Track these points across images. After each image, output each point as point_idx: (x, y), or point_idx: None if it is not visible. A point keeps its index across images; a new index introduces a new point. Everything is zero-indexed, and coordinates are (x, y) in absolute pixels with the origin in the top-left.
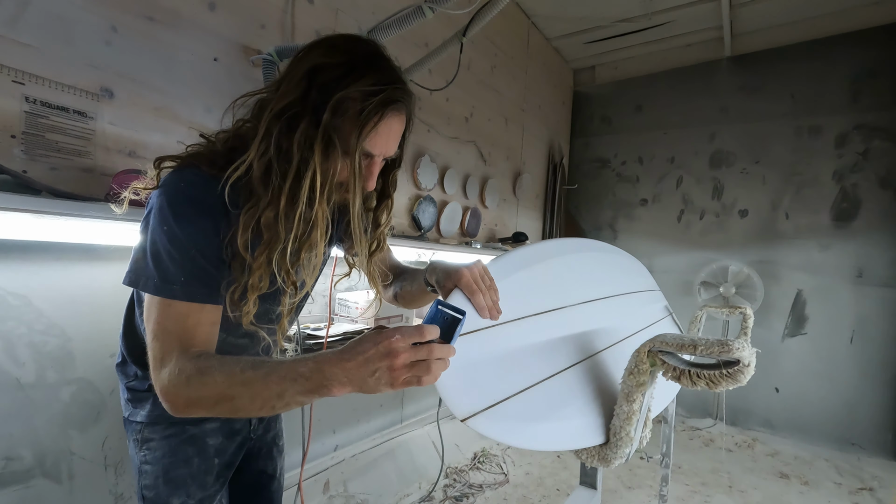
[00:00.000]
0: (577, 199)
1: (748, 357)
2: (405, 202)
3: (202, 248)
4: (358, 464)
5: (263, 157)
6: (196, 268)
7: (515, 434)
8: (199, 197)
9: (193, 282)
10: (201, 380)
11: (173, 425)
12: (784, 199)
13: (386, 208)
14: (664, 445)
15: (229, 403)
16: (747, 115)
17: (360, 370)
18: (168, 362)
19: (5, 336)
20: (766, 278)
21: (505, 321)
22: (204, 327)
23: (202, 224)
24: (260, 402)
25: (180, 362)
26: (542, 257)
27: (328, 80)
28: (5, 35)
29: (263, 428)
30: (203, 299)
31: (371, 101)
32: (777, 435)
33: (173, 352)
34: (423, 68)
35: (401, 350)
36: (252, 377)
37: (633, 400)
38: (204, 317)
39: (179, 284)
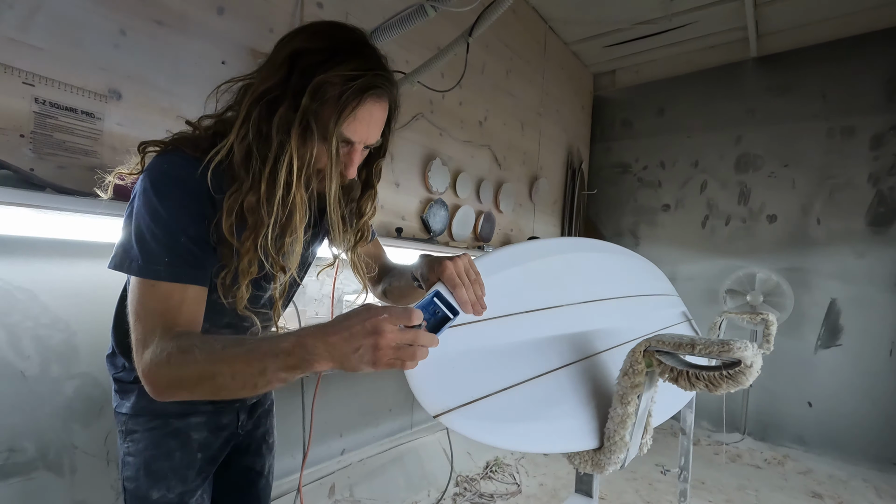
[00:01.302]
0: (598, 204)
1: (750, 358)
2: (416, 205)
3: (186, 228)
4: (365, 469)
5: (244, 140)
6: (180, 248)
7: (494, 433)
8: (183, 178)
9: (178, 262)
10: (182, 358)
11: (157, 418)
12: (815, 203)
13: (370, 198)
14: (682, 458)
15: (211, 382)
16: (775, 116)
17: (343, 345)
18: (150, 343)
19: (11, 329)
20: (797, 286)
21: (490, 317)
22: (188, 306)
23: (186, 205)
24: (242, 379)
25: (162, 342)
26: (539, 254)
27: (309, 64)
28: (16, 38)
29: (253, 424)
30: (187, 279)
31: (350, 86)
32: (810, 452)
33: (156, 332)
34: (430, 70)
35: (388, 330)
36: (233, 354)
37: (628, 402)
38: (188, 296)
39: (163, 265)
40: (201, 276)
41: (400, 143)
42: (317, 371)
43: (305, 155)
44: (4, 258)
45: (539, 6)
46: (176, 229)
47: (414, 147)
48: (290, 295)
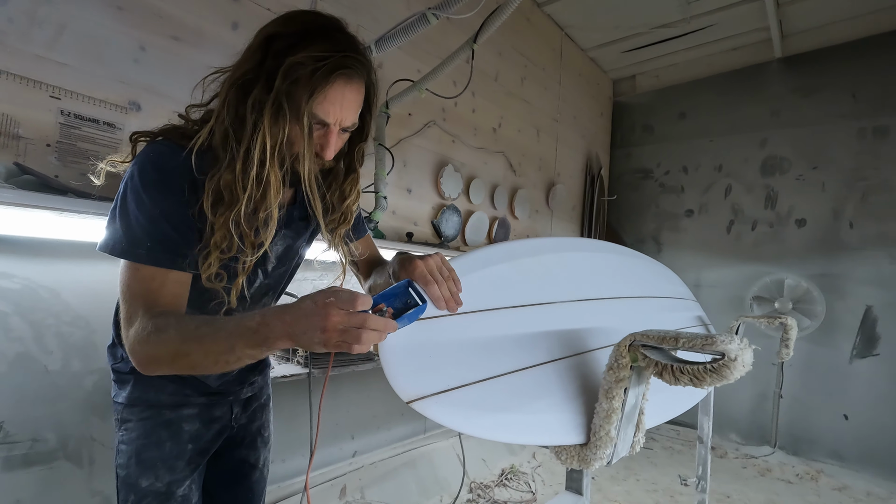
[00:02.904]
0: (619, 210)
1: (734, 351)
2: (428, 211)
3: (168, 214)
4: (377, 471)
5: (222, 123)
6: (160, 233)
7: (470, 421)
8: (168, 166)
9: (157, 247)
10: (158, 337)
11: (150, 408)
12: (847, 206)
13: (352, 182)
14: (700, 468)
15: (186, 359)
16: (802, 118)
17: (296, 324)
18: (133, 322)
19: (36, 325)
20: (829, 293)
21: (476, 310)
22: (169, 289)
23: (169, 192)
24: (213, 357)
25: (143, 321)
26: (535, 251)
27: (281, 47)
28: (45, 56)
29: (247, 417)
30: (167, 264)
31: (320, 66)
32: (847, 468)
33: (138, 311)
34: (437, 77)
35: (333, 314)
36: (204, 332)
37: (613, 397)
38: (169, 280)
39: (145, 249)
40: (181, 262)
41: (412, 149)
42: (280, 348)
43: (278, 134)
44: (30, 259)
45: (554, 14)
46: (157, 215)
47: (426, 154)
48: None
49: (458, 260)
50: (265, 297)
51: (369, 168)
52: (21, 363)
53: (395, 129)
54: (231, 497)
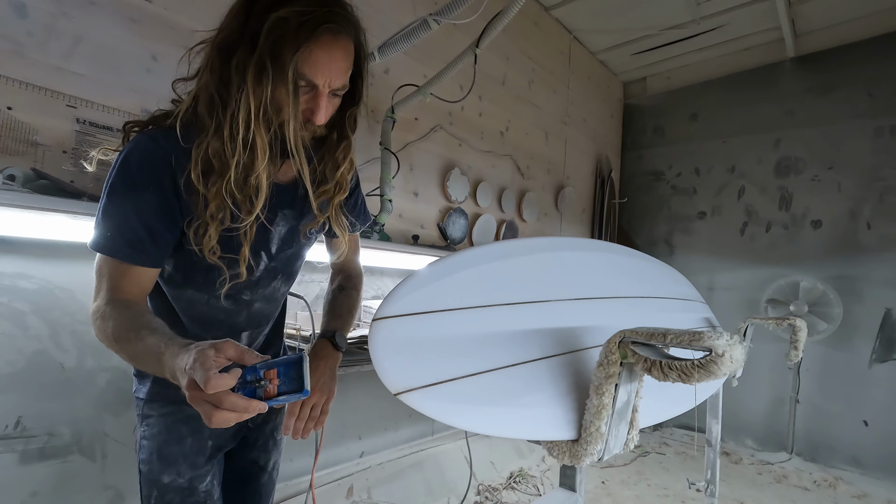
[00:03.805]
0: (630, 213)
1: (722, 347)
2: (435, 214)
3: (141, 210)
4: (384, 472)
5: (206, 89)
6: (128, 230)
7: (459, 415)
8: (149, 159)
9: (122, 242)
10: (104, 324)
11: (171, 404)
12: (865, 207)
13: (345, 149)
14: (709, 472)
15: (117, 351)
16: (817, 118)
17: (173, 375)
18: (96, 298)
19: (52, 324)
20: (846, 295)
21: (470, 306)
22: (130, 281)
23: (146, 186)
24: (136, 362)
25: (101, 302)
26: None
27: (265, 5)
28: (62, 67)
29: (262, 418)
30: (129, 260)
31: (304, 21)
32: (867, 475)
33: (101, 291)
34: (441, 82)
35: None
36: (129, 338)
37: (603, 393)
38: (131, 274)
39: (105, 239)
40: (144, 259)
41: (418, 153)
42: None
43: (262, 94)
44: (47, 261)
45: (563, 17)
46: (129, 212)
47: (433, 157)
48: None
49: (454, 256)
50: (274, 280)
51: (375, 172)
52: (38, 360)
53: (402, 133)
54: (239, 498)
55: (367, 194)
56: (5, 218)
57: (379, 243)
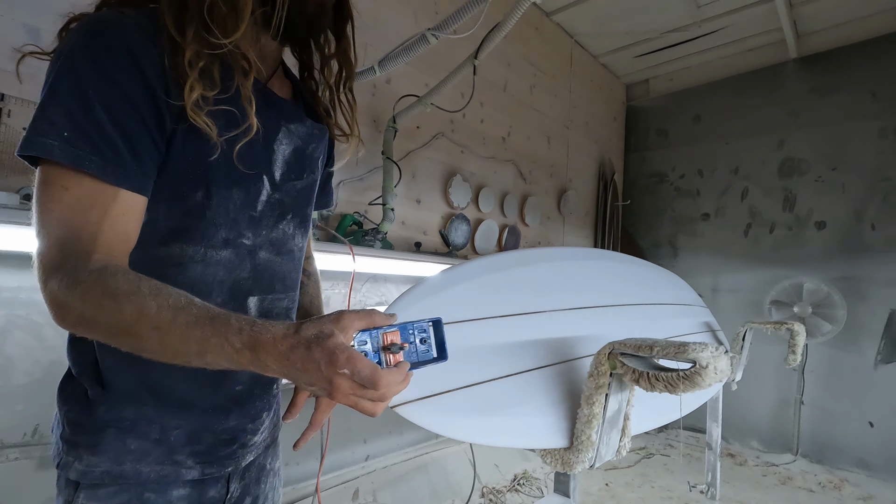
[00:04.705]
0: (634, 215)
1: (706, 359)
2: (437, 220)
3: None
4: (389, 475)
5: None
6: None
7: (453, 426)
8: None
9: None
10: (102, 304)
11: (125, 490)
12: (869, 208)
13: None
14: (709, 474)
15: (132, 342)
16: (820, 118)
17: (297, 375)
18: (59, 268)
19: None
20: (851, 297)
21: (466, 319)
22: (111, 223)
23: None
24: (171, 353)
25: (78, 273)
26: (528, 262)
27: None
28: None
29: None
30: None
31: None
32: (873, 477)
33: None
34: (441, 92)
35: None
36: (168, 321)
37: (593, 403)
38: (116, 210)
39: (60, 140)
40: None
41: (420, 161)
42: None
43: None
44: None
45: (564, 22)
46: (90, 99)
47: (435, 164)
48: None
49: (452, 271)
50: (282, 221)
51: (377, 181)
52: (54, 370)
53: (404, 141)
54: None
55: (370, 203)
56: (22, 235)
57: (382, 252)
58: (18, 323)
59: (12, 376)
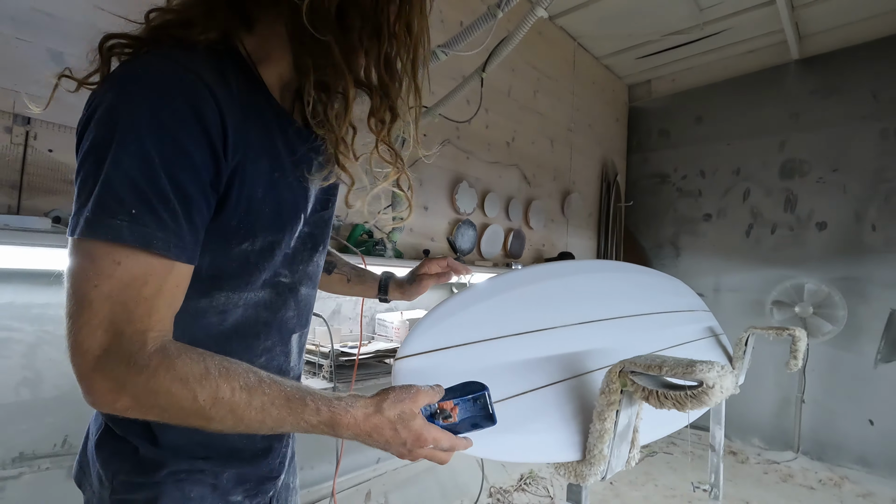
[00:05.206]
0: (636, 216)
1: (713, 379)
2: (444, 226)
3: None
4: (399, 477)
5: None
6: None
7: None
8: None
9: (146, 215)
10: (172, 390)
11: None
12: (870, 209)
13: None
14: (713, 475)
15: (201, 422)
16: (822, 120)
17: (380, 440)
18: (115, 352)
19: None
20: (852, 297)
21: (480, 340)
22: (166, 299)
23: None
24: (244, 429)
25: (139, 356)
26: (538, 279)
27: None
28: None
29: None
30: (161, 246)
31: None
32: (873, 474)
33: (124, 335)
34: (448, 103)
35: (423, 455)
36: (245, 404)
37: (605, 419)
38: (170, 284)
39: (128, 218)
40: (180, 247)
41: (427, 168)
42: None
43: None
44: None
45: (567, 25)
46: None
47: (441, 171)
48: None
49: (461, 295)
50: (315, 253)
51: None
52: None
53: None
54: None
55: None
56: (53, 256)
57: (392, 261)
58: (47, 338)
59: (42, 390)
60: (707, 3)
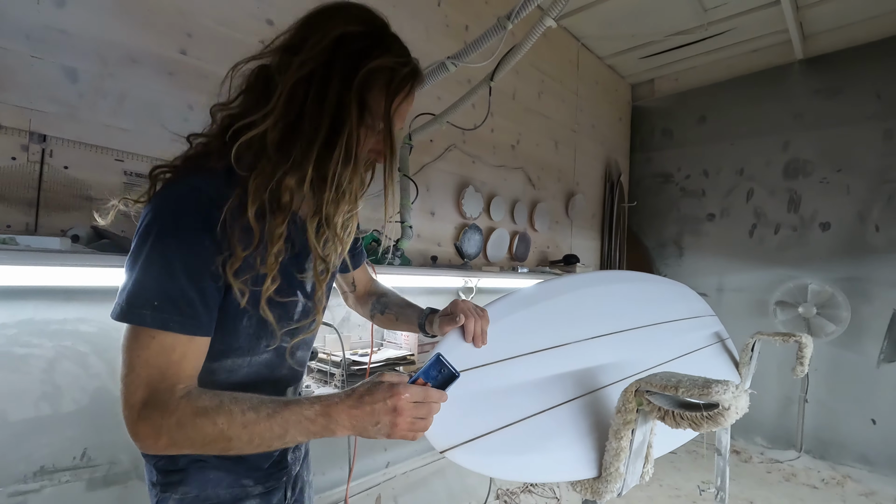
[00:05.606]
0: (640, 216)
1: (729, 401)
2: (451, 231)
3: (188, 264)
4: (408, 480)
5: (285, 119)
6: (174, 288)
7: (496, 466)
8: (190, 208)
9: (168, 305)
10: (196, 423)
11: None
12: (873, 209)
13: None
14: (718, 479)
15: (223, 444)
16: (825, 120)
17: (365, 419)
18: (152, 402)
19: (110, 363)
20: (855, 297)
21: (498, 360)
22: (191, 360)
23: (193, 238)
24: (258, 441)
25: (169, 403)
26: (549, 295)
27: (358, 48)
28: (110, 124)
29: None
30: (181, 328)
31: (402, 72)
32: (875, 472)
33: (159, 390)
34: (455, 111)
35: (406, 409)
36: (253, 419)
37: (622, 437)
38: (192, 349)
39: (152, 308)
40: (196, 325)
41: (434, 173)
42: (336, 436)
43: (363, 134)
44: (105, 305)
45: (571, 26)
46: (175, 269)
47: (448, 176)
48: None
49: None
50: (306, 319)
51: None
52: (99, 396)
53: (418, 155)
54: None
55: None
56: (71, 273)
57: (400, 269)
58: (65, 353)
59: (62, 404)
60: (711, 3)
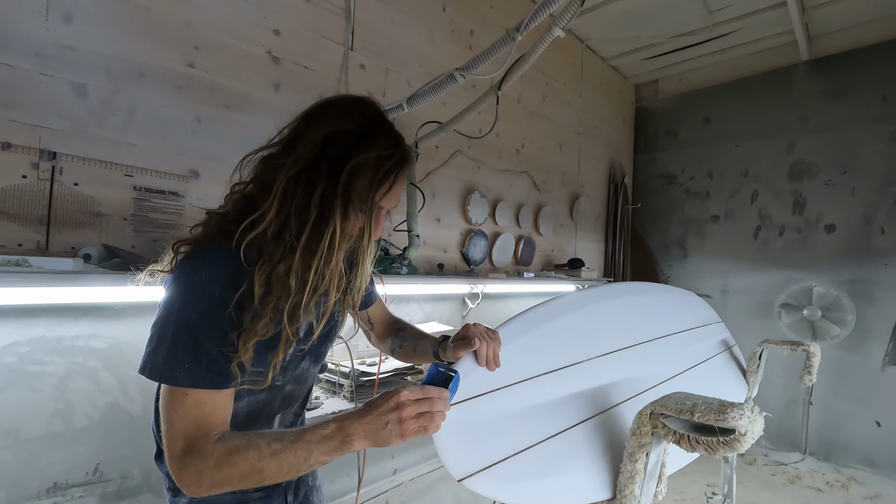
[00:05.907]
0: (643, 217)
1: (745, 427)
2: (457, 237)
3: (211, 331)
4: (416, 487)
5: (279, 216)
6: (200, 352)
7: (513, 493)
8: (208, 280)
9: (196, 367)
10: (230, 461)
11: None
12: (879, 212)
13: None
14: (726, 486)
15: (257, 476)
16: (831, 122)
17: (374, 423)
18: (191, 451)
19: (121, 378)
20: (860, 300)
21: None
22: (221, 410)
23: (209, 308)
24: (287, 468)
25: (205, 449)
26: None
27: (344, 145)
28: (119, 139)
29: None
30: (210, 385)
31: (386, 164)
32: (880, 475)
33: (196, 440)
34: (462, 120)
35: (407, 403)
36: (279, 448)
37: (636, 460)
38: (221, 400)
39: (183, 371)
40: (222, 381)
41: (439, 180)
42: (354, 450)
43: (346, 227)
44: (116, 321)
45: (575, 28)
46: (200, 336)
47: (453, 182)
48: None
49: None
50: (302, 362)
51: (401, 206)
52: (110, 411)
53: (424, 161)
54: None
55: (395, 229)
56: (81, 291)
57: (408, 278)
58: (77, 370)
59: (74, 420)
60: (716, 5)
